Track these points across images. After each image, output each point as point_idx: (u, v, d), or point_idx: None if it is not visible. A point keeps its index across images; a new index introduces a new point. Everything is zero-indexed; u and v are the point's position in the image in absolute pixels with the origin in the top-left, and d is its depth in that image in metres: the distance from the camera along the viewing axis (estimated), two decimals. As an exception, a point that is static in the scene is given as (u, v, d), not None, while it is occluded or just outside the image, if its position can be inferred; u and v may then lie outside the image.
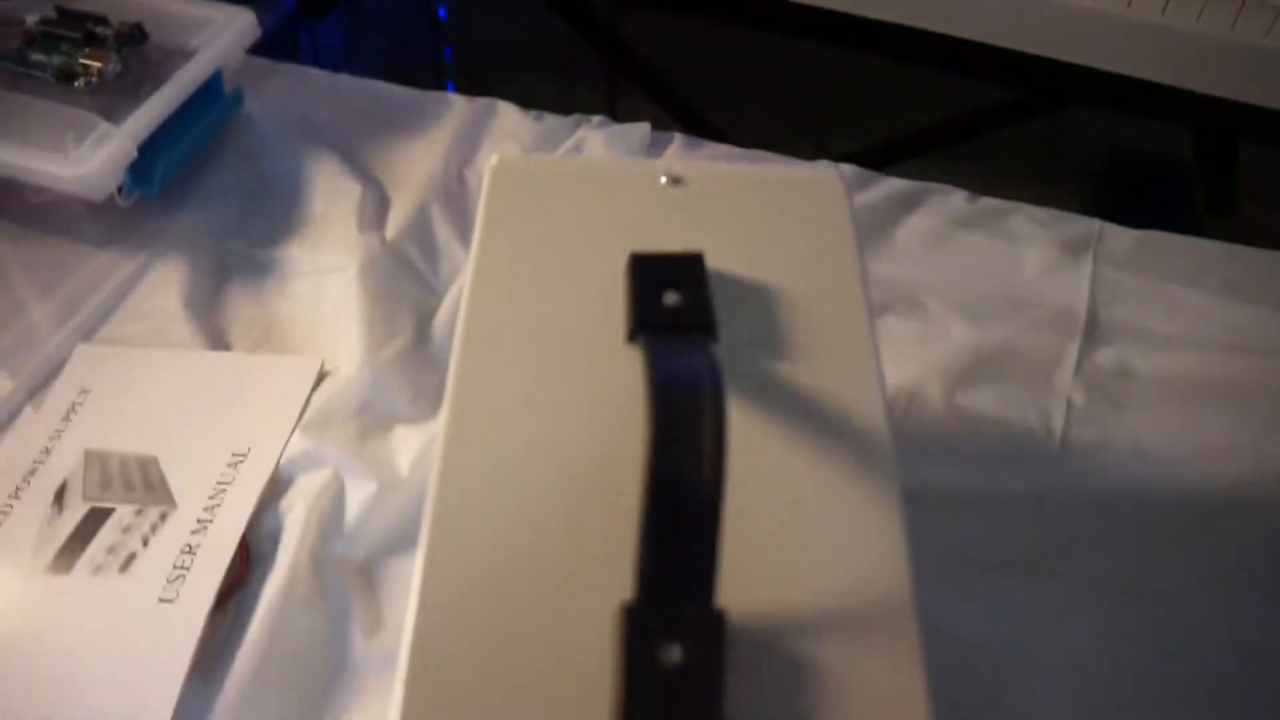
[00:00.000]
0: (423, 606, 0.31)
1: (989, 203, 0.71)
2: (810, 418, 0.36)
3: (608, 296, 0.39)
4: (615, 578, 0.31)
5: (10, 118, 0.64)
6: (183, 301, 0.62)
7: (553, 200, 0.43)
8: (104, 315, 0.62)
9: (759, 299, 0.40)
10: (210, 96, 0.69)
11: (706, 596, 0.30)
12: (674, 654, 0.29)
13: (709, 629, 0.29)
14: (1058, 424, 0.58)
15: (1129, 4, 0.79)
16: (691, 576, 0.30)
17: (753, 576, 0.32)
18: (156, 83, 0.66)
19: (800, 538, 0.33)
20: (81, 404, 0.58)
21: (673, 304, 0.38)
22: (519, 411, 0.36)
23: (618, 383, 0.37)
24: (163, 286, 0.63)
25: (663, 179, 0.44)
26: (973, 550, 0.53)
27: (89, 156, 0.61)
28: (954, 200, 0.71)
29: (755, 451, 0.35)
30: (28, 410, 0.58)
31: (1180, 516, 0.55)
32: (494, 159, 0.44)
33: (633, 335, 0.38)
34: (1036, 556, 0.53)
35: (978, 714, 0.48)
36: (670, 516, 0.31)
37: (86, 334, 0.61)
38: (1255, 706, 0.49)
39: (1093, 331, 0.63)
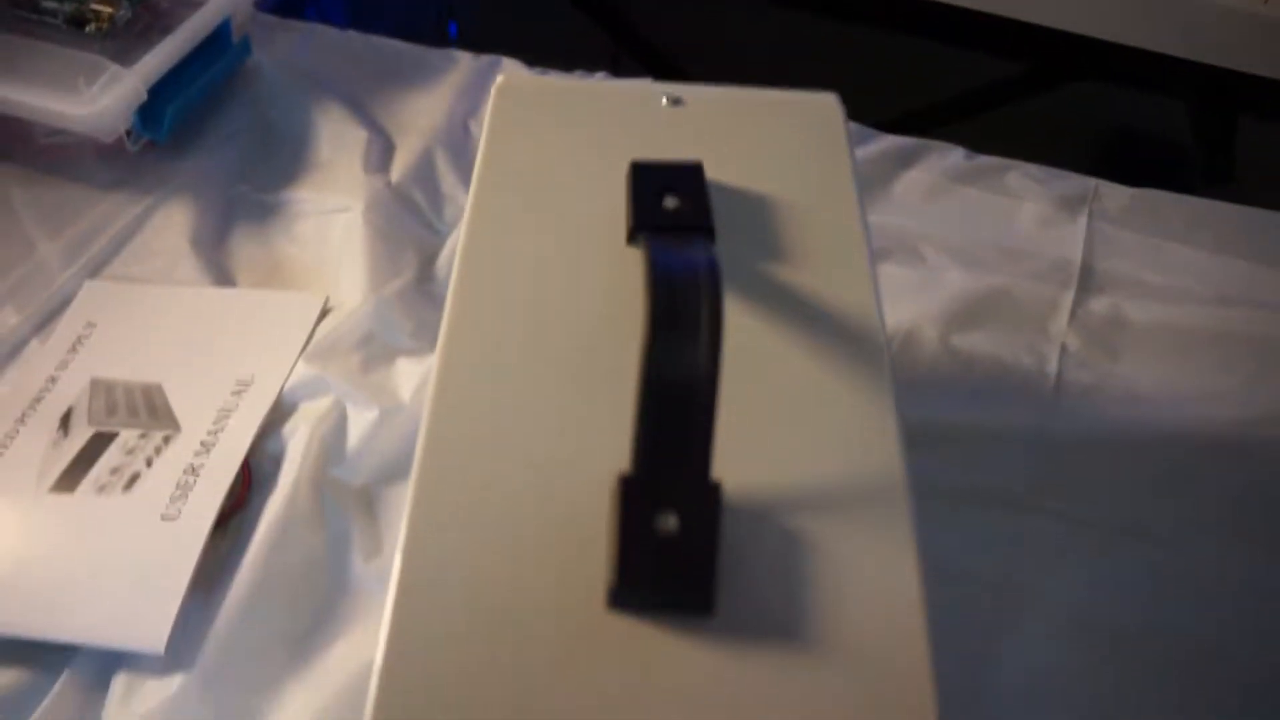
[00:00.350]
0: (422, 473, 0.32)
1: (986, 160, 0.71)
2: (806, 313, 0.37)
3: (609, 205, 0.40)
4: (614, 457, 0.31)
5: (22, 60, 0.65)
6: (190, 241, 0.63)
7: (556, 118, 0.44)
8: (112, 254, 0.63)
9: (756, 208, 0.40)
10: (219, 45, 0.70)
11: (703, 469, 0.31)
12: (670, 522, 0.30)
13: (705, 498, 0.30)
14: (1052, 367, 0.59)
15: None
16: (688, 449, 0.31)
17: (748, 457, 0.33)
18: (166, 29, 0.67)
19: (795, 422, 0.34)
20: (88, 336, 0.58)
21: (672, 207, 0.39)
22: (519, 306, 0.37)
23: (617, 281, 0.37)
24: (170, 227, 0.64)
25: (664, 99, 0.45)
26: (967, 486, 0.54)
27: (99, 97, 0.62)
28: (952, 157, 0.72)
29: (752, 341, 0.36)
30: (34, 343, 0.59)
31: (1173, 459, 0.55)
32: (500, 79, 0.45)
33: (632, 236, 0.38)
34: (1031, 494, 0.54)
35: (970, 649, 0.48)
36: (668, 392, 0.31)
37: (94, 271, 0.62)
38: (1247, 647, 0.49)
39: (1088, 282, 0.64)
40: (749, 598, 0.30)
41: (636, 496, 0.30)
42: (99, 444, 0.53)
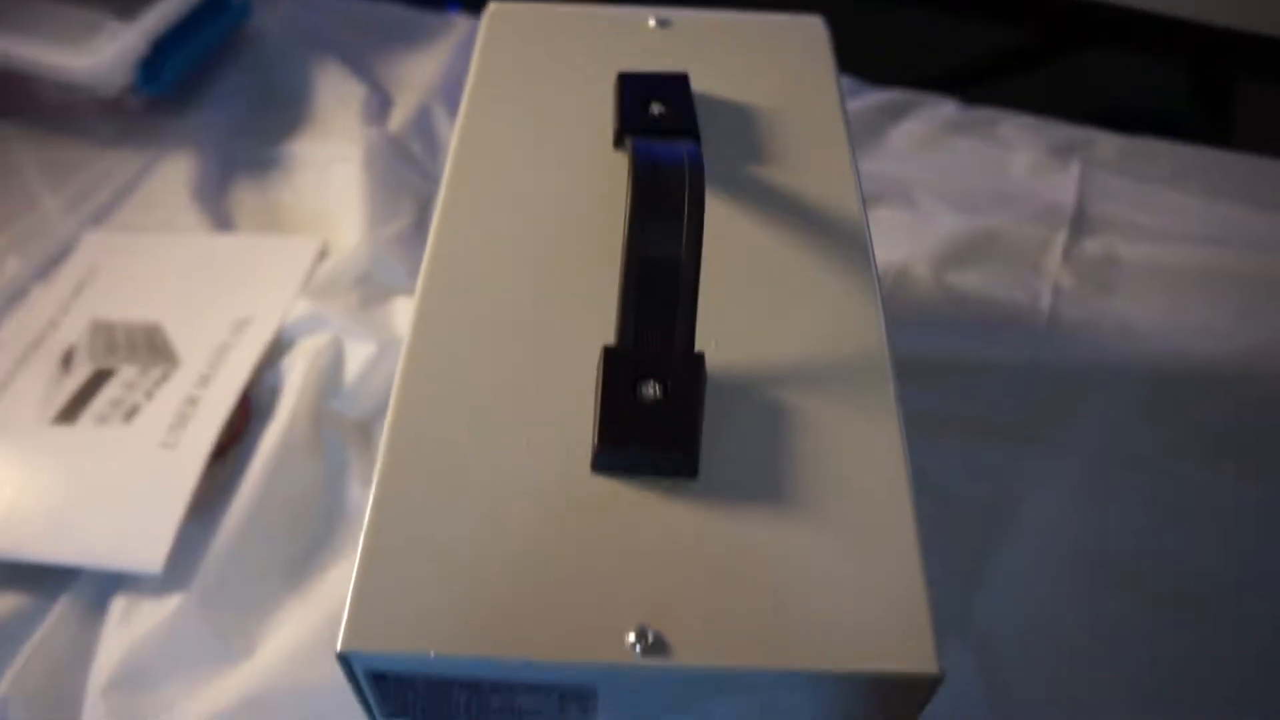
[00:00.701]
0: (412, 347, 0.33)
1: (979, 111, 0.72)
2: (791, 208, 0.37)
3: (596, 117, 0.40)
4: (599, 337, 0.32)
5: (26, 18, 0.66)
6: (191, 193, 0.64)
7: (545, 40, 0.44)
8: (114, 205, 0.64)
9: (741, 116, 0.41)
10: (220, 5, 0.71)
11: (686, 342, 0.31)
12: (653, 390, 0.30)
13: (688, 369, 0.31)
14: (1045, 302, 0.59)
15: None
16: (670, 323, 0.31)
17: (733, 337, 0.33)
18: (166, -8, 0.68)
19: (779, 304, 0.34)
20: (89, 282, 0.59)
21: (658, 113, 0.39)
22: (508, 199, 0.37)
23: (603, 181, 0.38)
24: (171, 179, 0.65)
25: (651, 21, 0.45)
26: (960, 415, 0.54)
27: (101, 49, 0.63)
28: (945, 109, 0.72)
29: (737, 230, 0.36)
30: (36, 289, 0.59)
31: (1166, 389, 0.56)
32: (491, 5, 0.46)
33: (619, 140, 0.39)
34: (1026, 424, 0.54)
35: (963, 566, 0.49)
36: (651, 268, 0.32)
37: (96, 222, 0.63)
38: (1240, 574, 0.49)
39: (1080, 223, 0.64)
40: (733, 462, 0.30)
41: (620, 367, 0.31)
42: (99, 380, 0.53)
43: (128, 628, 0.45)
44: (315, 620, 0.46)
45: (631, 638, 0.26)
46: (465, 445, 0.31)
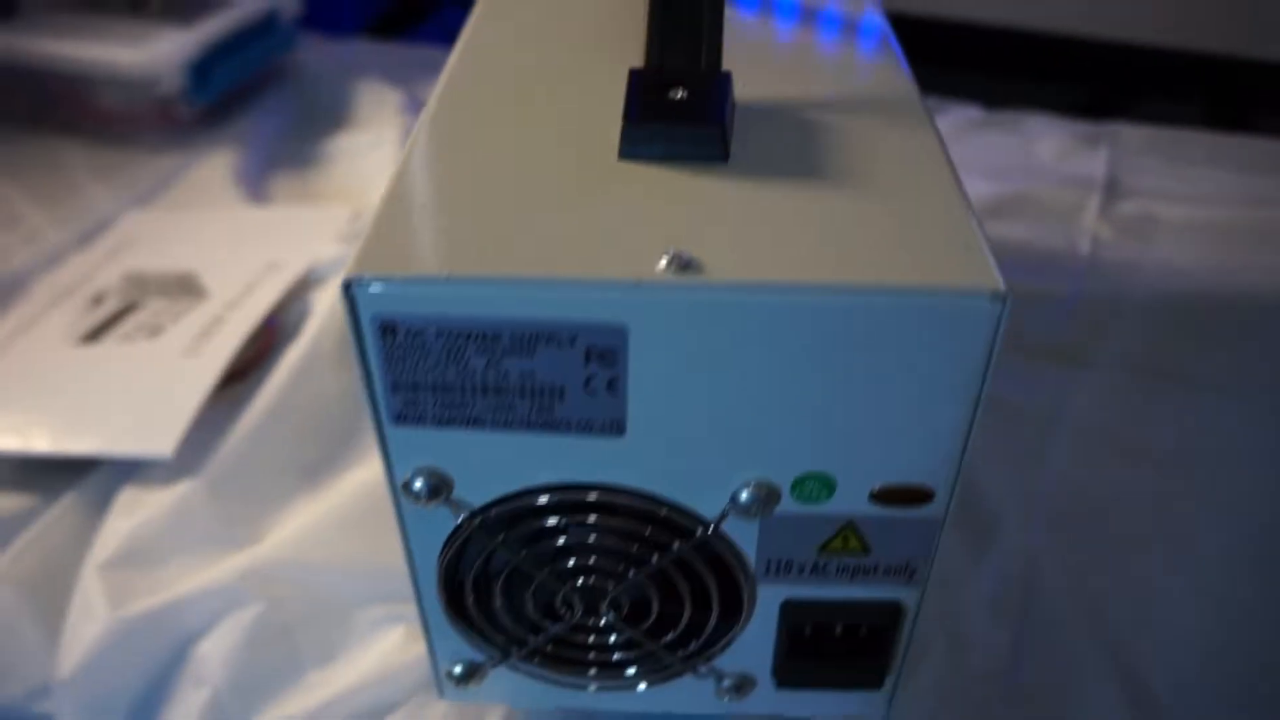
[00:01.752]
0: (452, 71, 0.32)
1: (1004, 114, 0.73)
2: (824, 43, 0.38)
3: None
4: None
5: (85, 29, 0.69)
6: (232, 179, 0.65)
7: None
8: (157, 191, 0.65)
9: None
10: (267, 30, 0.75)
11: (713, 62, 0.31)
12: (680, 93, 0.30)
13: (714, 78, 0.30)
14: (1085, 249, 0.58)
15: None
16: (697, 46, 0.31)
17: (763, 83, 0.32)
18: (217, 11, 0.72)
19: (810, 74, 0.34)
20: (126, 247, 0.60)
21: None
22: (529, 36, 0.38)
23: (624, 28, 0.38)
24: (214, 170, 0.67)
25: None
26: (1012, 338, 0.52)
27: (155, 48, 0.66)
28: (970, 112, 0.73)
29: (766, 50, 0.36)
30: (74, 254, 0.60)
31: (1205, 315, 0.54)
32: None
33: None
34: (1071, 346, 0.52)
35: (1018, 464, 0.46)
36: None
37: (140, 204, 0.64)
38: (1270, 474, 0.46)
39: (1113, 190, 0.64)
40: (766, 154, 0.29)
41: (648, 79, 0.30)
42: (127, 310, 0.53)
43: (131, 514, 0.42)
44: (325, 511, 0.43)
45: (664, 261, 0.24)
46: (496, 130, 0.30)
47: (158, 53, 0.66)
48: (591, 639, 0.32)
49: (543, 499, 0.28)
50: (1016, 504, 0.43)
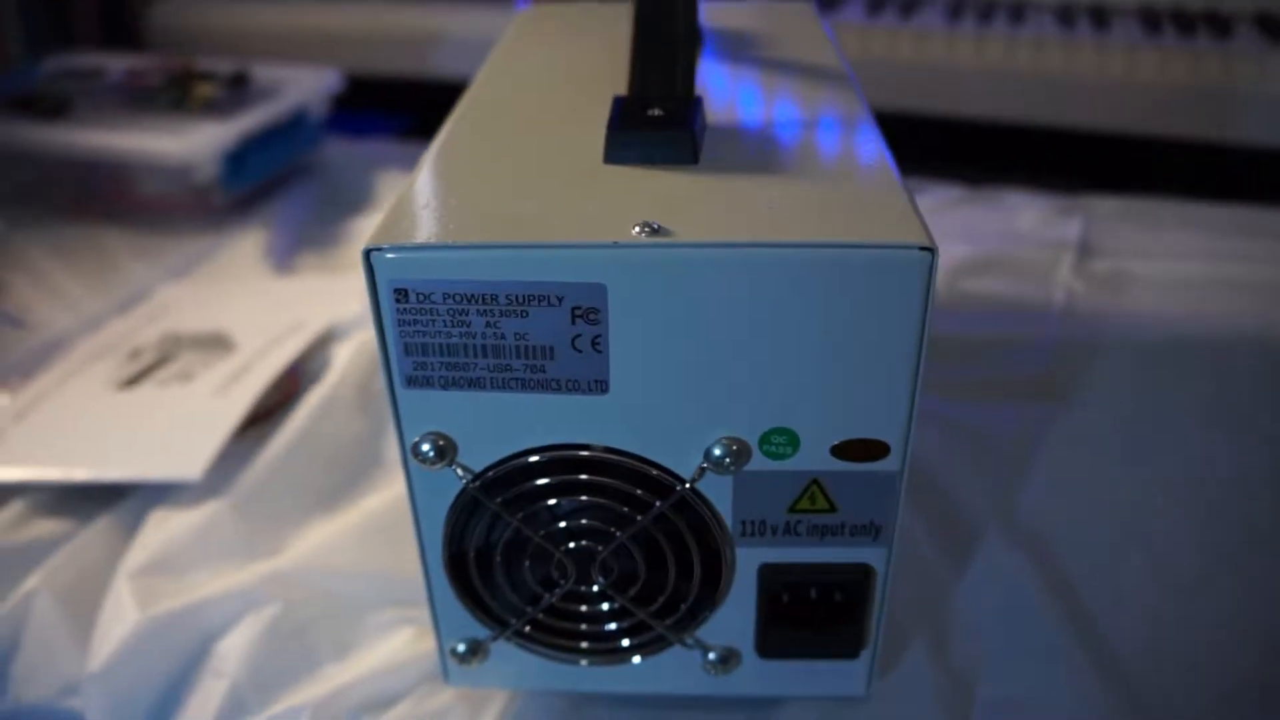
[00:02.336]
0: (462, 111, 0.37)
1: (985, 190, 0.78)
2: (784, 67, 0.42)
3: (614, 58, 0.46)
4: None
5: (132, 123, 0.76)
6: (261, 256, 0.70)
7: (569, 21, 0.51)
8: (190, 267, 0.70)
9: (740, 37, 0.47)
10: (296, 127, 0.81)
11: (687, 88, 0.35)
12: (657, 111, 0.34)
13: (687, 98, 0.34)
14: (1059, 300, 0.62)
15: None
16: (672, 76, 0.36)
17: (730, 111, 0.37)
18: (253, 109, 0.78)
19: (772, 98, 0.38)
20: (162, 314, 0.64)
21: None
22: (533, 81, 0.43)
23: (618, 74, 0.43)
24: (244, 249, 0.72)
25: None
26: (990, 379, 0.55)
27: (193, 139, 0.72)
28: (951, 191, 0.78)
29: (733, 76, 0.41)
30: (113, 319, 0.64)
31: (1176, 354, 0.56)
32: (522, 10, 0.54)
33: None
34: (1049, 388, 0.55)
35: (997, 484, 0.48)
36: (655, 36, 0.37)
37: (175, 278, 0.69)
38: (1243, 510, 0.48)
39: (1087, 250, 0.68)
40: (732, 157, 0.33)
41: (630, 102, 0.35)
42: (162, 362, 0.57)
43: (161, 530, 0.45)
44: (341, 528, 0.46)
45: (637, 229, 0.28)
46: (498, 144, 0.35)
47: (196, 143, 0.72)
48: (584, 608, 0.35)
49: (535, 459, 0.31)
50: (996, 517, 0.46)
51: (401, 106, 1.05)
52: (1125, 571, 0.43)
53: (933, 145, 0.86)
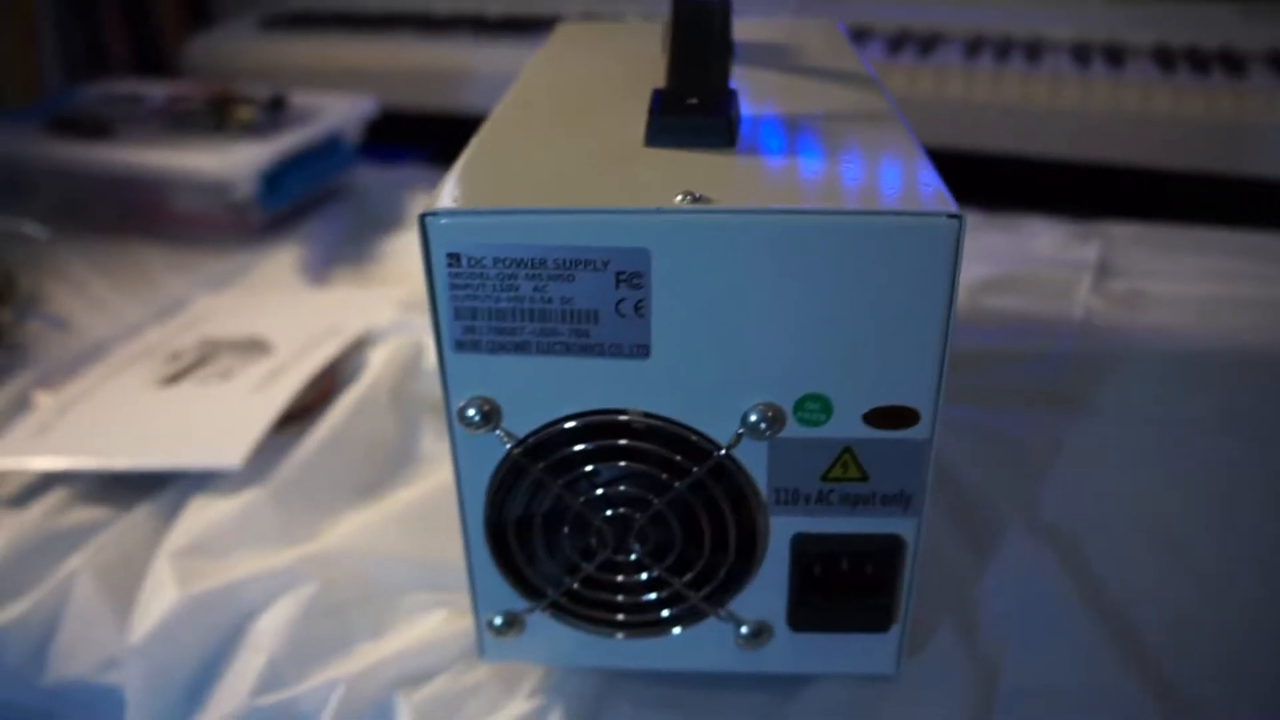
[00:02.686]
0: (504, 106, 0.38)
1: (1003, 216, 0.79)
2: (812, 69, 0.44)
3: (649, 58, 0.48)
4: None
5: (173, 143, 0.78)
6: (296, 270, 0.72)
7: (605, 36, 0.53)
8: (228, 279, 0.72)
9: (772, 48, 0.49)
10: (331, 149, 0.83)
11: (721, 81, 0.37)
12: (695, 100, 0.36)
13: (723, 92, 0.36)
14: (1078, 315, 0.63)
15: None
16: (707, 69, 0.37)
17: (764, 104, 0.38)
18: (290, 131, 0.81)
19: (801, 93, 0.40)
20: (200, 320, 0.66)
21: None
22: (573, 81, 0.44)
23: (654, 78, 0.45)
24: (280, 263, 0.74)
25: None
26: (1012, 388, 0.56)
27: (232, 157, 0.75)
28: (971, 217, 0.79)
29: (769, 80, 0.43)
30: (153, 326, 0.66)
31: (1190, 365, 0.57)
32: (559, 27, 0.56)
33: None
34: (1069, 396, 0.56)
35: (1021, 482, 0.49)
36: (692, 32, 0.38)
37: (212, 290, 0.71)
38: (1263, 510, 0.48)
39: (1105, 271, 0.69)
40: (766, 143, 0.34)
41: (669, 94, 0.36)
42: (202, 362, 0.58)
43: (201, 515, 0.47)
44: (378, 517, 0.47)
45: (680, 197, 0.30)
46: (545, 131, 0.36)
47: (234, 161, 0.74)
48: (620, 578, 0.36)
49: (576, 423, 0.32)
50: (1019, 513, 0.46)
51: (431, 140, 1.07)
52: (1148, 565, 0.44)
53: (951, 179, 0.87)
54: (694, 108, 0.35)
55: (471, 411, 0.32)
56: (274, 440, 0.51)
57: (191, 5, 1.43)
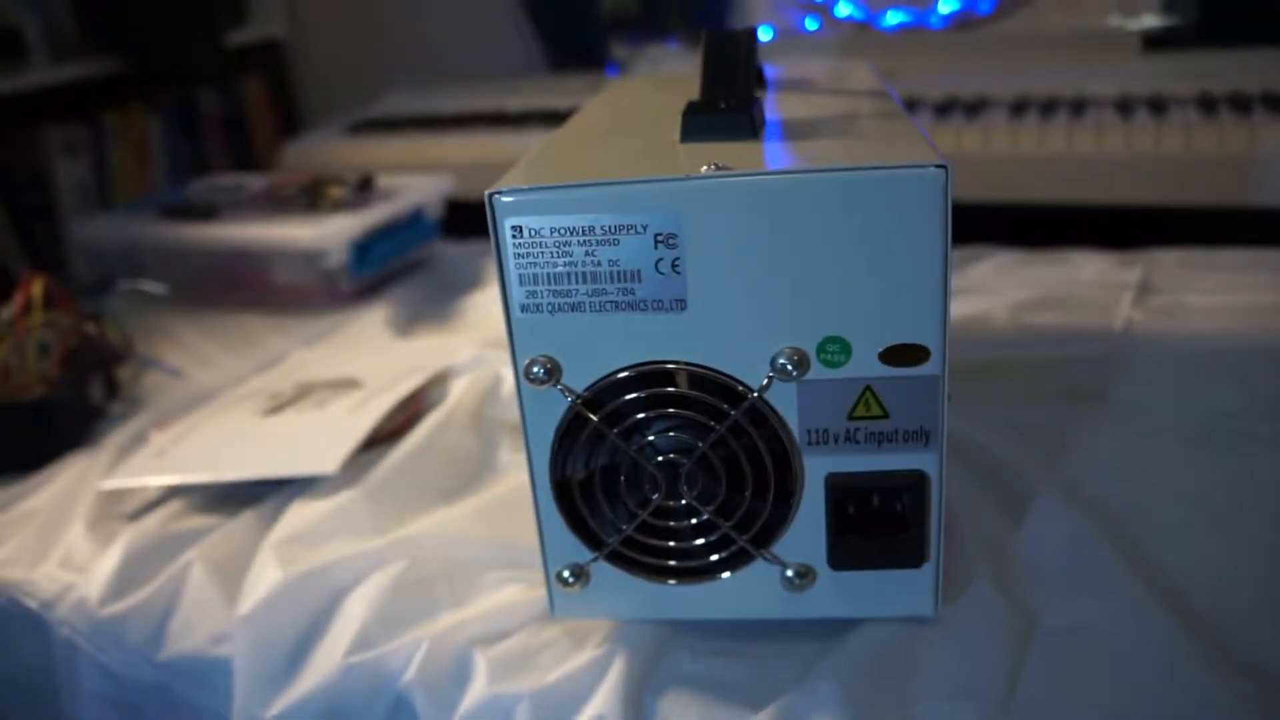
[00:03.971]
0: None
1: (1048, 251, 0.82)
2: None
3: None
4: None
5: (271, 219, 0.86)
6: (383, 326, 0.79)
7: (652, 80, 0.60)
8: (321, 337, 0.79)
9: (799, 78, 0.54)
10: (415, 223, 0.91)
11: (747, 92, 0.42)
12: (724, 104, 0.41)
13: (749, 98, 0.41)
14: (1118, 327, 0.65)
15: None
16: (735, 83, 0.43)
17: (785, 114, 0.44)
18: (377, 207, 0.88)
19: (816, 107, 0.45)
20: (297, 370, 0.72)
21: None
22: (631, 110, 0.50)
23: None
24: (369, 323, 0.80)
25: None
26: (1052, 388, 0.59)
27: (325, 228, 0.82)
28: (1018, 254, 0.83)
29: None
30: (255, 376, 0.72)
31: (1223, 365, 0.59)
32: (612, 77, 0.62)
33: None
34: (1107, 392, 0.58)
35: (1061, 461, 0.51)
36: (722, 52, 0.44)
37: (308, 346, 0.78)
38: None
39: (1146, 289, 0.71)
40: (788, 133, 0.39)
41: (701, 105, 0.41)
42: (300, 396, 0.64)
43: (301, 514, 0.52)
44: (461, 513, 0.52)
45: (706, 167, 0.34)
46: (597, 136, 0.41)
47: (327, 231, 0.82)
48: (671, 524, 0.39)
49: (627, 373, 0.37)
50: (1058, 487, 0.49)
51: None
52: (1188, 534, 0.46)
53: (999, 227, 0.91)
54: (722, 109, 0.40)
55: (536, 368, 0.37)
56: (365, 456, 0.56)
57: (283, 118, 1.57)
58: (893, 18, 1.29)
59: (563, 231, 0.35)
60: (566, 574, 0.41)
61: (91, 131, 1.28)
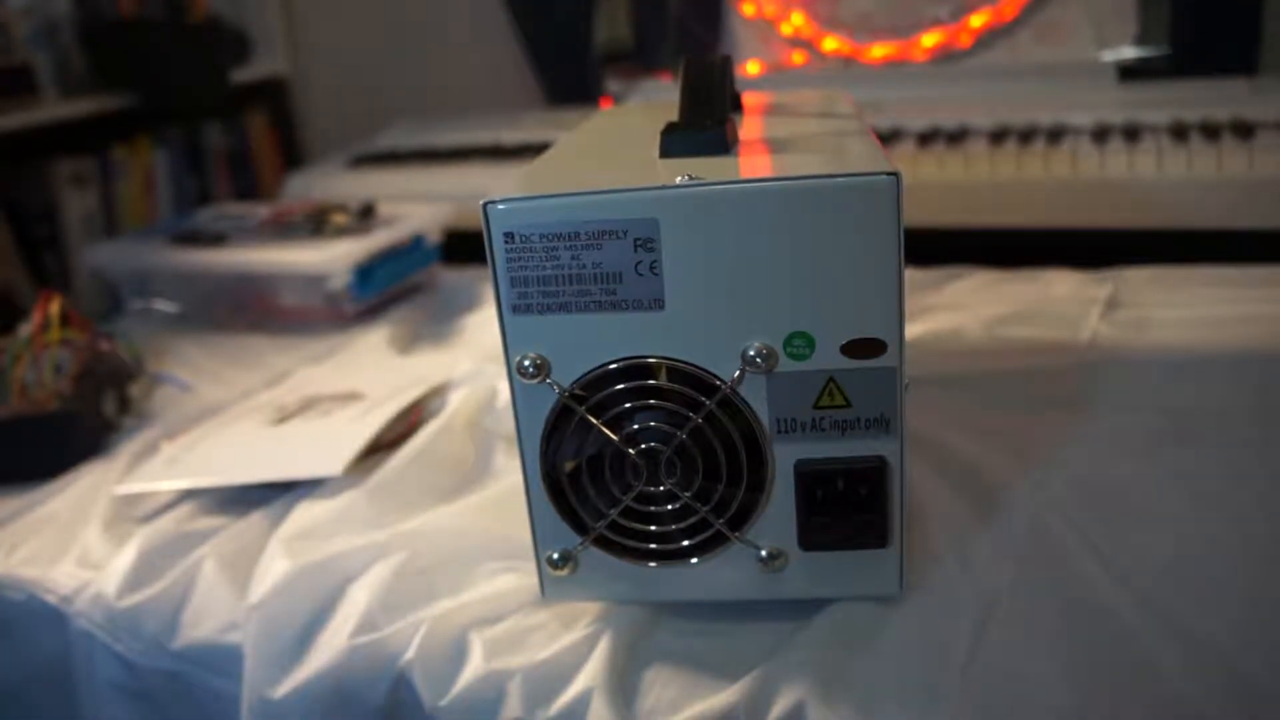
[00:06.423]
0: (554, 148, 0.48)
1: (1023, 270, 0.86)
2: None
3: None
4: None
5: (277, 245, 0.90)
6: (384, 345, 0.82)
7: (638, 106, 0.64)
8: (324, 356, 0.82)
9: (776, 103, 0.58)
10: (414, 249, 0.95)
11: (722, 113, 0.46)
12: (701, 125, 0.44)
13: (725, 120, 0.45)
14: (1085, 338, 0.69)
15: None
16: (712, 106, 0.46)
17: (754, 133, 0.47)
18: (379, 232, 0.92)
19: (783, 125, 0.49)
20: (303, 385, 0.75)
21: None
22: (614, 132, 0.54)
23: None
24: (370, 342, 0.83)
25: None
26: (1018, 396, 0.62)
27: (328, 252, 0.86)
28: (993, 274, 0.86)
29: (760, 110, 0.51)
30: (262, 391, 0.76)
31: (1188, 370, 0.62)
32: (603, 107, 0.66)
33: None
34: (1072, 400, 0.61)
35: (1030, 465, 0.54)
36: (699, 76, 0.48)
37: (312, 364, 0.81)
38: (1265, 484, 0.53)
39: (1114, 305, 0.75)
40: (756, 148, 0.43)
41: (679, 126, 0.45)
42: (306, 407, 0.67)
43: (308, 512, 0.55)
44: (461, 509, 0.55)
45: (680, 178, 0.38)
46: (582, 157, 0.45)
47: (330, 255, 0.85)
48: (653, 508, 0.42)
49: (612, 366, 0.40)
50: (1026, 485, 0.52)
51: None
52: (1142, 522, 0.49)
53: (980, 252, 0.94)
54: (698, 128, 0.44)
55: (527, 363, 0.40)
56: (368, 462, 0.59)
57: (285, 153, 1.61)
58: (877, 51, 1.34)
59: (551, 237, 0.39)
60: (556, 558, 0.44)
61: (99, 164, 1.32)
